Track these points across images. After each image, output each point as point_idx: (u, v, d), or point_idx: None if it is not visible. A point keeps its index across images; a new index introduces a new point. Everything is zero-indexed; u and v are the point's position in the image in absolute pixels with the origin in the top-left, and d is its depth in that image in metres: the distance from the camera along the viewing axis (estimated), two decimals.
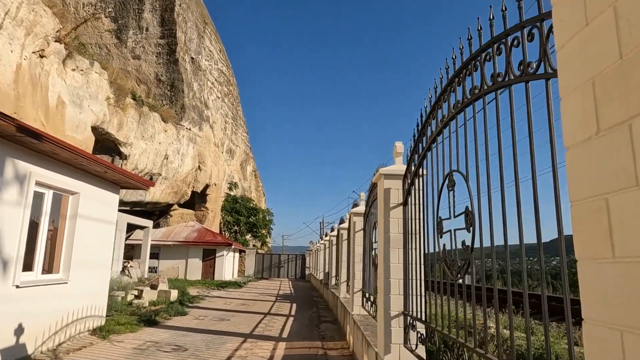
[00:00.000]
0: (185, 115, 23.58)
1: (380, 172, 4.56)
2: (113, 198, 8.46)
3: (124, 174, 7.74)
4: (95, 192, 7.74)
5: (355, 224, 8.12)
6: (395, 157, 4.78)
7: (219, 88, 35.21)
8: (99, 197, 7.86)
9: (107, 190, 8.18)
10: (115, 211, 8.62)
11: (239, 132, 46.65)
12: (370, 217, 7.36)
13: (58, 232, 7.01)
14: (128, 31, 24.45)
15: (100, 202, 7.93)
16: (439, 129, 3.20)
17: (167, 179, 22.19)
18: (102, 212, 8.00)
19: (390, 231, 4.38)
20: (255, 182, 56.12)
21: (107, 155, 17.41)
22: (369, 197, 7.10)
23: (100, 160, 6.87)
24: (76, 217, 7.12)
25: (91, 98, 14.11)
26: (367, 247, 7.29)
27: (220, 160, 34.13)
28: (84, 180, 7.35)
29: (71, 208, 7.13)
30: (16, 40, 9.79)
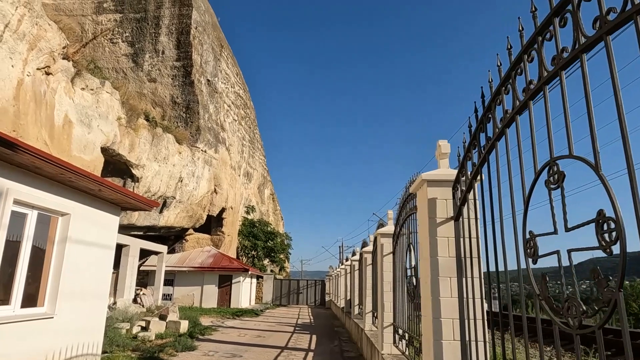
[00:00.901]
0: (201, 136, 23.10)
1: (422, 177, 3.56)
2: (112, 220, 7.62)
3: (122, 192, 6.91)
4: (91, 213, 6.91)
5: (382, 246, 7.05)
6: (439, 160, 3.77)
7: (235, 111, 34.97)
8: (94, 219, 7.03)
9: (105, 212, 7.35)
10: (114, 234, 7.76)
11: (256, 155, 46.27)
12: (401, 238, 6.30)
13: (45, 258, 6.16)
14: (144, 55, 24.42)
15: (96, 224, 7.09)
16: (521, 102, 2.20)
17: (181, 202, 21.52)
18: (98, 236, 7.15)
19: (439, 254, 3.34)
20: (273, 206, 55.39)
21: (119, 177, 16.84)
22: (399, 213, 6.05)
23: (92, 176, 6.04)
24: (66, 241, 6.27)
25: (101, 118, 13.59)
26: (399, 273, 6.19)
27: (237, 183, 33.51)
28: (77, 199, 6.53)
29: (60, 231, 6.29)
30: (17, 55, 9.26)
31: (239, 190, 34.57)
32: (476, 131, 2.81)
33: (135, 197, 7.47)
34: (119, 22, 24.99)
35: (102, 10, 25.15)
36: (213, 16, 31.88)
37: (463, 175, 3.20)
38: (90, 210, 6.90)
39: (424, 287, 3.57)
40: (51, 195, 5.98)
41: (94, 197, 6.96)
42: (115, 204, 7.63)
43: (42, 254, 6.13)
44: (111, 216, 7.59)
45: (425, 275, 3.52)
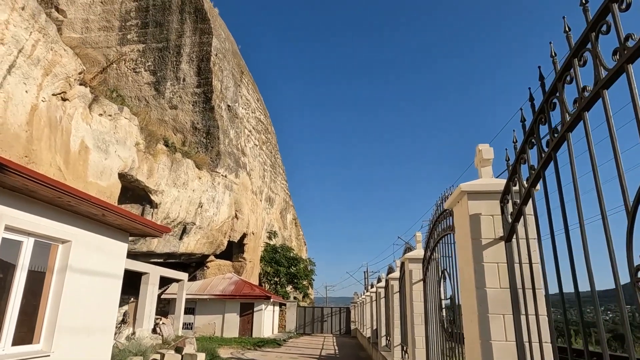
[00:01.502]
0: (221, 161, 22.93)
1: (460, 189, 2.89)
2: (119, 247, 7.16)
3: (128, 217, 6.45)
4: (95, 239, 6.46)
5: (411, 272, 6.29)
6: (480, 168, 3.10)
7: (256, 136, 34.99)
8: (99, 246, 6.56)
9: (111, 238, 6.89)
10: (121, 262, 7.28)
11: (278, 180, 46.07)
12: (432, 264, 5.56)
13: (43, 289, 5.69)
14: (166, 82, 24.75)
15: (101, 251, 6.62)
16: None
17: (201, 228, 21.17)
18: (103, 264, 6.67)
19: (487, 285, 2.64)
20: (295, 231, 54.75)
21: (138, 204, 16.64)
22: (429, 235, 5.34)
23: (94, 200, 5.60)
24: (66, 271, 5.79)
25: (118, 143, 13.44)
26: (432, 304, 5.42)
27: (259, 209, 33.15)
28: (79, 225, 6.09)
29: (60, 259, 5.84)
30: (32, 80, 9.14)
31: (261, 216, 34.17)
32: (534, 123, 2.16)
33: (143, 223, 7.00)
34: (142, 52, 25.57)
35: (126, 41, 25.83)
36: (233, 44, 32.38)
37: (515, 183, 2.52)
38: (94, 236, 6.45)
39: (468, 326, 2.85)
40: (49, 221, 5.55)
41: (99, 223, 6.52)
42: (123, 230, 7.18)
43: (40, 285, 5.67)
44: (118, 243, 7.13)
45: (469, 311, 2.80)
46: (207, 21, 25.81)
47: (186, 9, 26.33)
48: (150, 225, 7.23)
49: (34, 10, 8.79)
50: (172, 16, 26.01)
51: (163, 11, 26.01)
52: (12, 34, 8.42)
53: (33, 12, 8.79)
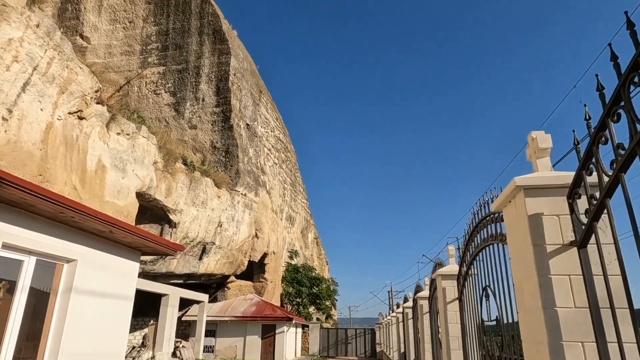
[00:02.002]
0: (240, 180, 22.70)
1: (515, 183, 2.35)
2: (130, 267, 6.77)
3: (137, 234, 6.06)
4: (103, 258, 6.08)
5: (444, 290, 5.66)
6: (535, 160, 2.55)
7: (276, 154, 34.87)
8: (108, 265, 6.18)
9: (121, 257, 6.51)
10: (133, 283, 6.88)
11: (299, 198, 45.72)
12: (469, 279, 4.94)
13: (46, 312, 5.30)
14: (185, 103, 24.94)
15: (110, 271, 6.24)
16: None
17: (221, 248, 20.82)
18: (113, 285, 6.28)
19: (557, 304, 2.07)
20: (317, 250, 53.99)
21: (157, 224, 16.43)
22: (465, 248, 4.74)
23: (100, 216, 5.24)
24: (71, 292, 5.41)
25: (136, 162, 13.29)
26: (471, 326, 4.78)
27: (279, 228, 32.71)
28: (86, 243, 5.74)
29: (65, 280, 5.46)
30: (47, 98, 9.02)
31: (282, 235, 33.71)
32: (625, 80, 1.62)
33: (154, 240, 6.61)
34: (162, 74, 25.95)
35: (147, 64, 26.30)
36: (252, 64, 32.66)
37: (590, 172, 1.97)
38: (103, 255, 6.08)
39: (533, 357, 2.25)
40: (53, 239, 5.20)
41: (107, 241, 6.15)
42: (134, 248, 6.80)
43: (43, 307, 5.29)
44: (129, 262, 6.75)
45: (533, 338, 2.22)
46: (225, 42, 26.08)
47: (205, 31, 26.71)
48: (162, 243, 6.83)
49: (48, 28, 8.73)
50: (191, 38, 26.41)
51: (182, 34, 26.45)
52: (26, 52, 8.34)
53: (48, 30, 8.72)
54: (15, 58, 8.15)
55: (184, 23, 26.72)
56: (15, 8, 7.94)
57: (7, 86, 8.05)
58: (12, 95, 8.18)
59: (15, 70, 8.17)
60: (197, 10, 26.88)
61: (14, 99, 8.25)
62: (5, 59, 7.96)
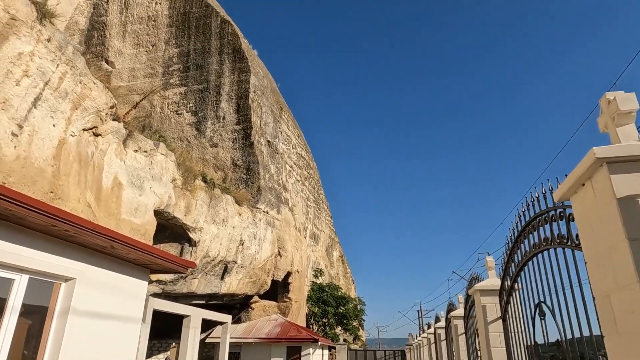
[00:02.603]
0: (262, 197, 22.34)
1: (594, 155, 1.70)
2: (137, 285, 6.30)
3: (142, 249, 5.60)
4: (106, 277, 5.63)
5: (484, 308, 4.90)
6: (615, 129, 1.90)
7: (298, 171, 34.54)
8: (113, 284, 5.73)
9: (127, 275, 6.06)
10: (141, 303, 6.39)
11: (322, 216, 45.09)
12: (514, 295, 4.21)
13: (42, 336, 4.85)
14: (207, 122, 25.00)
15: (115, 291, 5.77)
16: None
17: (243, 267, 20.34)
18: (118, 306, 5.81)
19: None
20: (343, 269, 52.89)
21: (177, 242, 16.12)
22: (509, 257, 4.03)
23: (99, 229, 4.80)
24: (68, 314, 4.95)
25: (154, 179, 13.06)
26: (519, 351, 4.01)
27: (303, 246, 32.08)
28: (86, 260, 5.30)
29: (62, 300, 5.02)
30: (60, 114, 8.84)
31: (306, 253, 33.04)
32: None
33: (162, 256, 6.13)
34: (183, 94, 26.22)
35: (169, 86, 26.66)
36: (272, 82, 32.74)
37: None
38: (106, 273, 5.63)
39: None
40: (48, 255, 4.78)
41: (110, 257, 5.71)
42: (141, 266, 6.33)
43: (38, 331, 4.84)
44: (136, 281, 6.28)
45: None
46: (245, 60, 26.20)
47: (225, 50, 26.95)
48: (171, 260, 6.35)
49: (60, 42, 8.59)
50: (211, 58, 26.67)
51: (203, 54, 26.77)
52: (37, 66, 8.19)
53: (60, 44, 8.58)
54: (26, 73, 7.98)
55: (204, 43, 27.07)
56: (25, 22, 7.80)
57: (17, 101, 7.87)
58: (23, 110, 8.00)
59: (25, 85, 8.01)
60: (217, 31, 27.23)
61: (25, 114, 8.07)
62: (15, 73, 7.79)
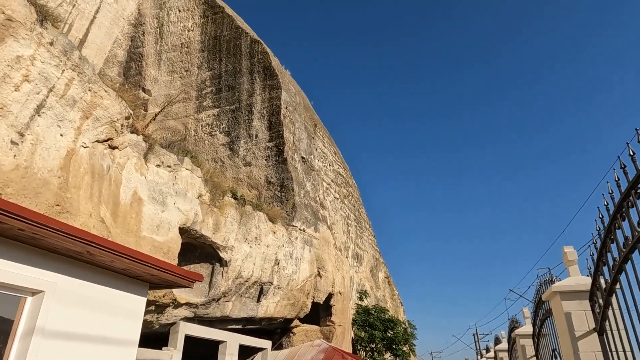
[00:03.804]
0: (297, 214, 21.38)
1: None
2: (132, 302, 5.37)
3: (128, 255, 4.67)
4: (87, 290, 4.73)
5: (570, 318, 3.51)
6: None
7: (336, 189, 33.46)
8: (96, 300, 4.82)
9: (116, 289, 5.15)
10: (137, 323, 5.45)
11: (365, 235, 43.46)
12: (615, 295, 2.83)
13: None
14: (239, 141, 24.68)
15: (100, 307, 4.86)
16: None
17: (280, 289, 19.26)
18: (104, 326, 4.87)
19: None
20: (389, 290, 50.50)
21: (207, 263, 15.36)
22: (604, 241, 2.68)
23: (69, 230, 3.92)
24: (32, 334, 4.04)
25: (178, 195, 12.42)
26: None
27: (345, 266, 30.60)
28: (59, 269, 4.44)
29: (27, 318, 4.13)
30: (68, 123, 8.33)
31: (348, 274, 31.51)
32: None
33: (157, 266, 5.19)
34: (216, 116, 26.20)
35: (202, 108, 26.81)
36: (305, 99, 32.29)
37: None
38: (87, 286, 4.74)
39: None
40: (8, 264, 3.92)
41: (93, 267, 4.82)
42: (135, 278, 5.41)
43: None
44: (130, 296, 5.35)
45: None
46: (275, 77, 25.89)
47: (255, 69, 26.82)
48: (169, 270, 5.39)
49: (65, 47, 8.12)
50: (242, 78, 26.60)
51: (234, 75, 26.76)
52: (38, 71, 7.70)
53: (64, 49, 8.11)
54: (26, 77, 7.49)
55: (235, 64, 27.10)
56: (24, 23, 7.35)
57: (17, 107, 7.36)
58: (24, 117, 7.49)
59: (26, 91, 7.51)
60: (247, 51, 27.22)
61: (26, 121, 7.55)
62: (14, 77, 7.30)
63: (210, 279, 15.18)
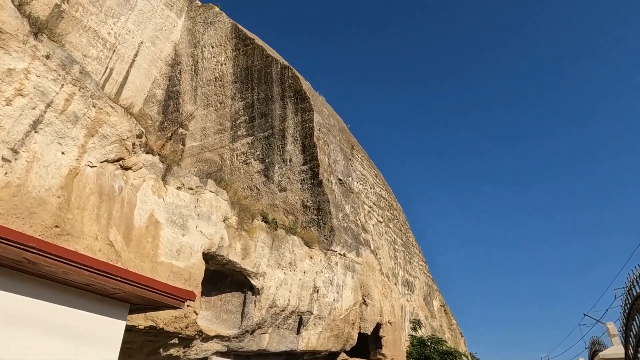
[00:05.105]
0: (336, 238, 20.17)
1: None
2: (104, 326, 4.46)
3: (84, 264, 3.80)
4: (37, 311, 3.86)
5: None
6: None
7: (379, 212, 31.96)
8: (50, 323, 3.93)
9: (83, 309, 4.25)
10: (113, 354, 4.49)
11: (415, 261, 41.08)
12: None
13: None
14: (274, 167, 24.17)
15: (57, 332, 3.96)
16: None
17: (322, 319, 17.88)
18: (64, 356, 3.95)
19: None
20: (446, 320, 47.03)
21: (239, 291, 14.43)
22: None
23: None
24: None
25: (200, 218, 11.74)
26: None
27: (394, 293, 28.61)
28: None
29: None
30: (70, 140, 7.90)
31: (398, 302, 29.42)
32: None
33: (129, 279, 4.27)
34: (250, 144, 26.02)
35: (236, 138, 26.80)
36: (340, 121, 31.64)
37: None
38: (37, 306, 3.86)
39: None
40: None
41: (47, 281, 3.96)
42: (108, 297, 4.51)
43: None
44: (102, 319, 4.45)
45: None
46: (307, 99, 25.47)
47: (286, 94, 26.61)
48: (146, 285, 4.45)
49: (63, 60, 7.78)
50: (274, 104, 26.43)
51: (266, 102, 26.67)
52: (34, 85, 7.33)
53: (63, 62, 7.76)
54: (19, 91, 7.11)
55: (266, 92, 27.06)
56: (15, 35, 7.02)
57: (9, 122, 6.94)
58: (17, 133, 7.06)
59: (19, 105, 7.11)
60: (278, 77, 27.17)
61: (21, 137, 7.12)
62: (5, 91, 6.91)
63: (242, 309, 14.19)
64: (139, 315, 8.95)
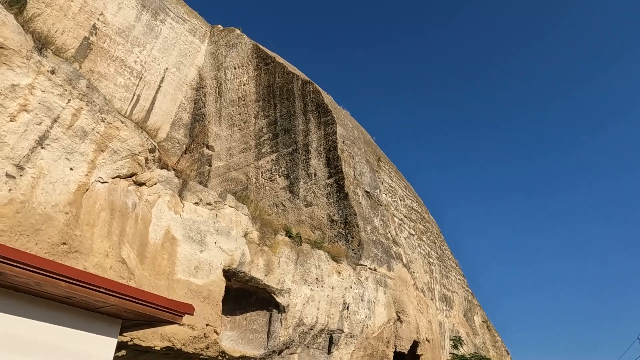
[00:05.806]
0: (365, 252, 19.40)
1: None
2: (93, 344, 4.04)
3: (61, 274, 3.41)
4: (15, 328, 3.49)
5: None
6: None
7: (410, 225, 30.87)
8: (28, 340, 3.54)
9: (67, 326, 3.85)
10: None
11: (452, 274, 39.33)
12: None
13: None
14: (299, 182, 23.81)
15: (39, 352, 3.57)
16: None
17: (353, 337, 17.03)
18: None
19: None
20: (490, 336, 44.50)
21: (264, 309, 13.90)
22: None
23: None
24: None
25: (219, 234, 11.40)
26: None
27: (431, 309, 27.26)
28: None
29: None
30: (79, 156, 7.76)
31: (435, 318, 27.99)
32: None
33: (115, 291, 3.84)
34: (275, 160, 25.85)
35: (261, 155, 26.73)
36: (365, 134, 31.11)
37: None
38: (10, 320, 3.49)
39: None
40: None
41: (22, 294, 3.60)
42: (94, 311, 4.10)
43: None
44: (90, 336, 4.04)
45: None
46: (329, 112, 25.16)
47: (308, 109, 26.44)
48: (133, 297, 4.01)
49: (69, 75, 7.70)
50: (297, 120, 26.27)
51: (289, 118, 26.56)
52: (38, 100, 7.24)
53: (69, 77, 7.69)
54: (24, 107, 7.02)
55: (289, 108, 26.98)
56: (18, 51, 6.97)
57: (14, 138, 6.82)
58: (22, 149, 6.94)
59: (24, 121, 7.01)
60: (300, 92, 27.08)
61: (26, 153, 6.99)
62: (8, 107, 6.82)
63: (268, 328, 13.63)
64: (154, 335, 8.56)
